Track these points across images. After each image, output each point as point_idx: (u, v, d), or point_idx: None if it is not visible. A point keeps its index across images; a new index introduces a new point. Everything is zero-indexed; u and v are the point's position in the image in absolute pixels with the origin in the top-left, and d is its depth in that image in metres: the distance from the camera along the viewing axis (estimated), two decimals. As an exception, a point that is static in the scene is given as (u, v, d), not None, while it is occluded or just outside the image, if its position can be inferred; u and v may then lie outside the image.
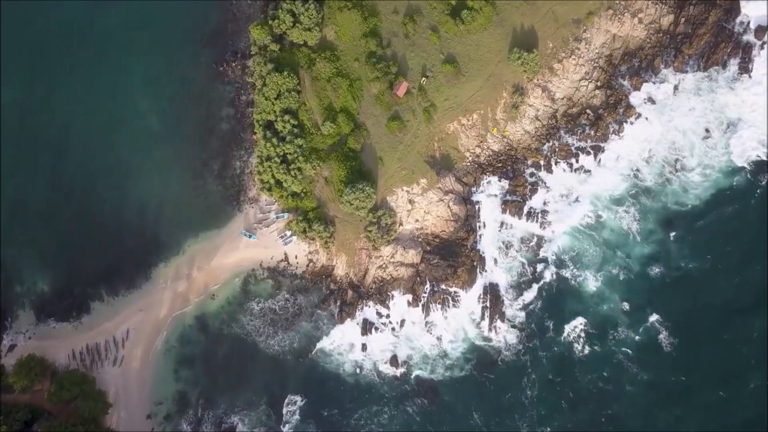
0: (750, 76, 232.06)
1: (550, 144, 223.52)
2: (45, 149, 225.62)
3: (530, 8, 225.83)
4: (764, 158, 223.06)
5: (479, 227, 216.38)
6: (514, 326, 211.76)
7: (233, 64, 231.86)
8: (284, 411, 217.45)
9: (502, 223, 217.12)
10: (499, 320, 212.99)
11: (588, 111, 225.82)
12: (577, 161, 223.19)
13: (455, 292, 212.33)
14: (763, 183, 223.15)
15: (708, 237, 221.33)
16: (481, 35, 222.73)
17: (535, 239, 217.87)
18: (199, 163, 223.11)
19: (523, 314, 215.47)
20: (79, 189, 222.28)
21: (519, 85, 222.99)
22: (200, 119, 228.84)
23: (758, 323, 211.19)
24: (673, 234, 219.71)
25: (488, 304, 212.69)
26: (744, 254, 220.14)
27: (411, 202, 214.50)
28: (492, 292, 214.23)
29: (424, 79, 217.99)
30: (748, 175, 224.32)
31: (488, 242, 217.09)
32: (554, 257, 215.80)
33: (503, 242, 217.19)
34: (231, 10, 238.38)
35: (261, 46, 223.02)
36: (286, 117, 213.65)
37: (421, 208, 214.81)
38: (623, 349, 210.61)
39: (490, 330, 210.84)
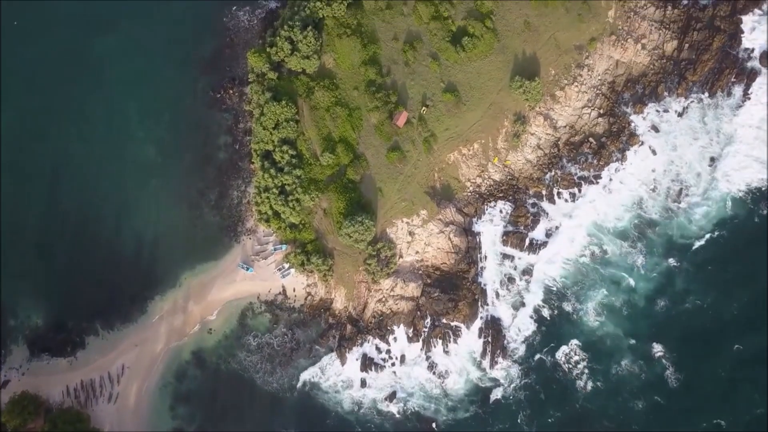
0: (754, 104, 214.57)
1: (552, 173, 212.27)
2: (39, 178, 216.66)
3: (532, 35, 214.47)
4: (765, 186, 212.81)
5: (480, 259, 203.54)
6: (514, 361, 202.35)
7: (231, 91, 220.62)
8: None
9: (503, 255, 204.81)
10: (500, 356, 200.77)
11: (591, 139, 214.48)
12: (579, 191, 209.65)
13: (456, 327, 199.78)
14: (765, 212, 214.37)
15: (712, 268, 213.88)
16: (482, 63, 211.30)
17: (537, 271, 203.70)
18: (196, 193, 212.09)
19: (523, 348, 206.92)
20: (74, 219, 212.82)
21: (520, 114, 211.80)
22: (197, 147, 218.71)
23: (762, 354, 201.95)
24: (677, 266, 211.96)
25: (489, 339, 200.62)
26: (748, 285, 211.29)
27: (411, 233, 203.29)
28: (493, 326, 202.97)
29: (424, 108, 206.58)
30: (750, 204, 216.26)
31: (490, 275, 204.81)
32: (556, 290, 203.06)
33: (505, 275, 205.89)
34: (228, 35, 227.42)
35: (259, 73, 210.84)
36: (285, 147, 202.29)
37: (422, 239, 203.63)
38: (628, 385, 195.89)
39: (491, 366, 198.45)
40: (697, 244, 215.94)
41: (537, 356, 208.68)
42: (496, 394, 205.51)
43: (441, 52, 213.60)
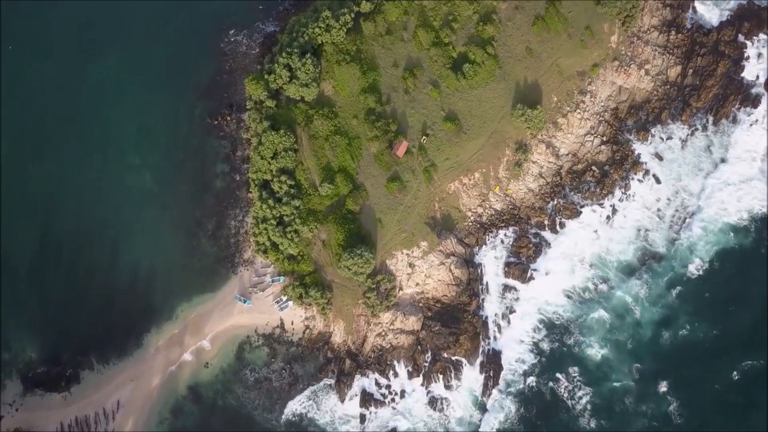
0: (757, 130, 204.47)
1: (555, 202, 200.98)
2: (33, 207, 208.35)
3: (534, 61, 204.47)
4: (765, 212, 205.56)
5: (482, 291, 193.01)
6: (515, 396, 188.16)
7: (228, 118, 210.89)
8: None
9: (505, 287, 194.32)
10: (499, 391, 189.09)
11: (593, 167, 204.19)
12: (582, 221, 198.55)
13: (458, 361, 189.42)
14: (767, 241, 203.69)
15: (716, 299, 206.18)
16: (483, 90, 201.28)
17: (539, 303, 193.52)
18: (193, 223, 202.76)
19: (525, 381, 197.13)
20: (68, 249, 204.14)
21: (522, 142, 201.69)
22: (194, 176, 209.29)
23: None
24: (681, 297, 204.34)
25: (491, 374, 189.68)
26: (752, 315, 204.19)
27: (411, 265, 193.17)
28: (495, 361, 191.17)
29: (424, 137, 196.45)
30: (753, 233, 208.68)
31: (491, 307, 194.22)
32: (559, 322, 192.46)
33: (507, 307, 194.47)
34: (226, 60, 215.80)
35: (256, 101, 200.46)
36: (283, 177, 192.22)
37: (422, 271, 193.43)
38: (632, 421, 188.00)
39: (487, 396, 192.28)
40: (702, 274, 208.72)
41: (538, 390, 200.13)
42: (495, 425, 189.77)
43: (441, 79, 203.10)
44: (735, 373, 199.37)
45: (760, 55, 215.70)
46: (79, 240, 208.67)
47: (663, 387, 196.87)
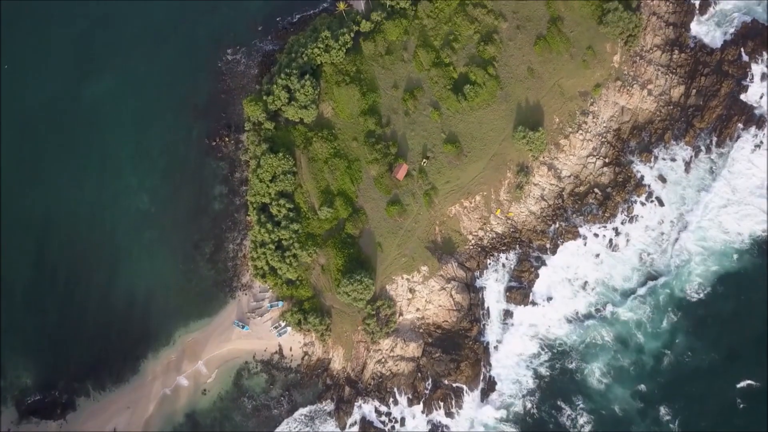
0: (762, 152, 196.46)
1: (556, 225, 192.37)
2: (29, 230, 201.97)
3: (536, 82, 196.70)
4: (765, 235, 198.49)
5: (483, 316, 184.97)
6: (516, 423, 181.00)
7: (226, 139, 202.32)
8: None
9: (506, 312, 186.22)
10: (500, 419, 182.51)
11: (596, 190, 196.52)
12: (584, 244, 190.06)
13: (458, 388, 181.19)
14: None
15: (720, 324, 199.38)
16: (484, 112, 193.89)
17: (541, 329, 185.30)
18: (191, 246, 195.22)
19: (525, 410, 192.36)
20: (64, 273, 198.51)
21: (523, 165, 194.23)
22: (192, 198, 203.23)
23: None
24: (683, 322, 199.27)
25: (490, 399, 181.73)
26: (754, 338, 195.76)
27: (411, 290, 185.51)
28: (496, 387, 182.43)
29: (424, 160, 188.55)
30: (754, 256, 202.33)
31: (493, 333, 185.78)
32: (560, 348, 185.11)
33: (508, 332, 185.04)
34: (224, 80, 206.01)
35: (255, 122, 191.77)
36: (282, 201, 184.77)
37: (422, 297, 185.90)
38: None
39: (492, 426, 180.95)
40: (702, 297, 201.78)
41: (540, 417, 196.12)
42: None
43: (442, 100, 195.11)
44: (736, 397, 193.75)
45: (764, 74, 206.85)
46: (76, 264, 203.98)
47: (665, 413, 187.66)
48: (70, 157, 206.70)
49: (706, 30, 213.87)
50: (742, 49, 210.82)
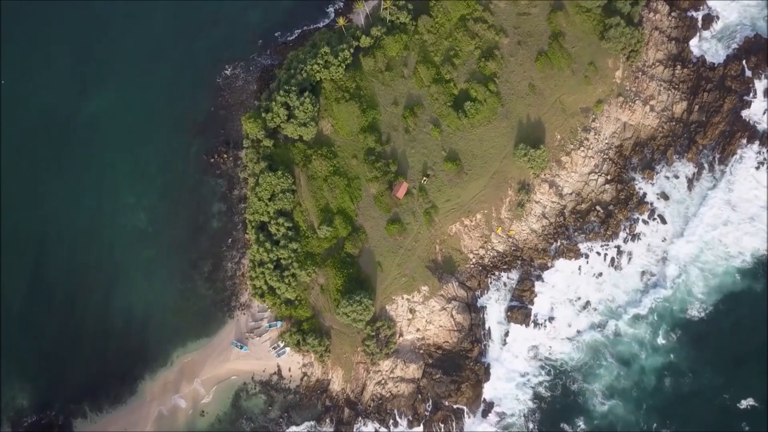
0: (763, 169, 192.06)
1: (558, 244, 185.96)
2: (26, 249, 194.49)
3: (537, 98, 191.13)
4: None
5: (484, 336, 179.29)
6: None
7: (225, 156, 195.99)
8: None
9: (507, 332, 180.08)
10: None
11: (598, 207, 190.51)
12: (586, 263, 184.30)
13: (459, 410, 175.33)
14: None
15: (719, 342, 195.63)
16: (485, 129, 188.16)
17: (542, 349, 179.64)
18: (189, 264, 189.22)
19: (528, 430, 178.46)
20: (61, 293, 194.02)
21: (525, 182, 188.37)
22: (190, 215, 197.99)
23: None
24: (684, 342, 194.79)
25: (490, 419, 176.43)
26: (755, 358, 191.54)
27: (412, 311, 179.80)
28: (496, 409, 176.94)
29: (425, 178, 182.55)
30: (755, 274, 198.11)
31: (494, 353, 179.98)
32: (562, 369, 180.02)
33: (510, 352, 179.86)
34: (222, 95, 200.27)
35: (254, 139, 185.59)
36: (281, 219, 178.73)
37: (423, 317, 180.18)
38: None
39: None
40: (706, 317, 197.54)
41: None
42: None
43: (442, 117, 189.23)
44: (739, 417, 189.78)
45: (767, 90, 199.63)
46: (73, 283, 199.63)
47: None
48: (67, 174, 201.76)
49: (708, 45, 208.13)
50: (745, 64, 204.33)
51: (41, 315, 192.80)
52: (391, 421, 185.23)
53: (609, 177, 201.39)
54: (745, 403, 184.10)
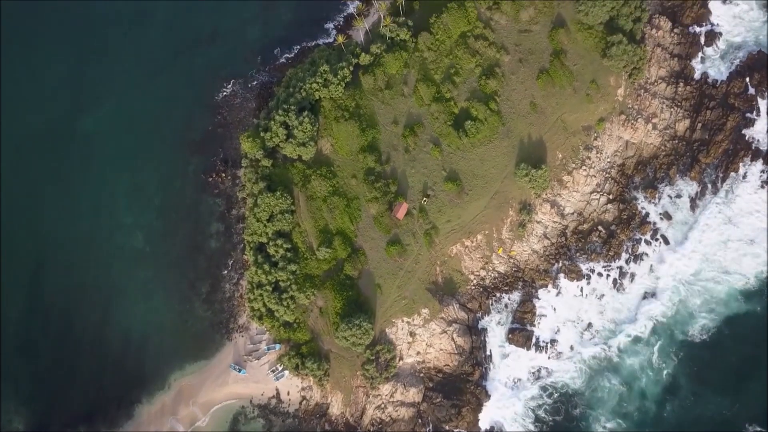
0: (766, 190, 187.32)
1: (560, 265, 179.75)
2: (21, 269, 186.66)
3: (538, 117, 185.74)
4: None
5: (485, 359, 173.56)
6: None
7: (223, 175, 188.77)
8: None
9: (508, 355, 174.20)
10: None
11: (600, 228, 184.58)
12: (588, 284, 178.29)
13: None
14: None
15: (721, 364, 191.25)
16: (486, 148, 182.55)
17: (544, 372, 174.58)
18: (187, 285, 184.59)
19: None
20: (57, 314, 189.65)
21: (526, 202, 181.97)
22: (188, 235, 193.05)
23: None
24: (686, 364, 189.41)
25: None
26: (757, 381, 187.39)
27: (412, 334, 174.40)
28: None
29: (425, 199, 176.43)
30: (756, 296, 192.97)
31: (495, 377, 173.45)
32: (563, 392, 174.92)
33: (510, 377, 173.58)
34: (221, 113, 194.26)
35: (252, 159, 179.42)
36: (279, 241, 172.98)
37: (423, 340, 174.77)
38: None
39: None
40: (709, 340, 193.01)
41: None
42: None
43: (443, 137, 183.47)
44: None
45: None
46: (69, 305, 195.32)
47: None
48: (64, 193, 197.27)
49: (711, 61, 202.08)
50: (748, 81, 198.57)
51: (38, 337, 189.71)
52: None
53: (611, 196, 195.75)
54: (751, 429, 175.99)
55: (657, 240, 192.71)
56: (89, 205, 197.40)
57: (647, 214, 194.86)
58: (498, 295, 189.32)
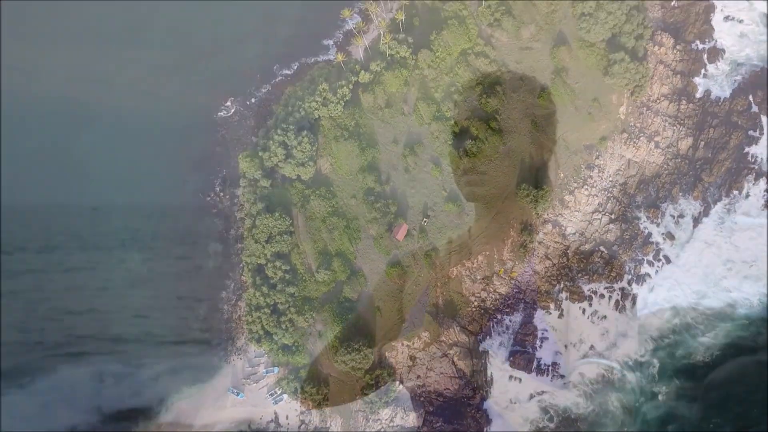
0: None
1: (561, 285, 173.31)
2: (19, 289, 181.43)
3: (540, 136, 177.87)
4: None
5: (486, 383, 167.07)
6: None
7: (221, 194, 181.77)
8: None
9: (509, 378, 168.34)
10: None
11: (601, 248, 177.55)
12: (590, 305, 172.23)
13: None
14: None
15: (723, 387, 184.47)
16: (487, 168, 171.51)
17: (546, 396, 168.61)
18: (184, 307, 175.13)
19: None
20: (54, 336, 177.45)
21: (527, 223, 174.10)
22: (185, 256, 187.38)
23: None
24: (691, 389, 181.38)
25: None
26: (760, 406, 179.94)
27: (412, 357, 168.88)
28: None
29: (425, 219, 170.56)
30: (763, 318, 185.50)
31: (496, 400, 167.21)
32: (565, 416, 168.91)
33: (511, 400, 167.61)
34: (219, 131, 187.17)
35: (251, 179, 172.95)
36: (278, 262, 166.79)
37: (423, 364, 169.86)
38: None
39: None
40: (711, 362, 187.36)
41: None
42: None
43: (443, 157, 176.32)
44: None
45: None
46: (66, 326, 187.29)
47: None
48: (60, 212, 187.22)
49: (714, 79, 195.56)
50: (751, 99, 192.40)
51: (34, 360, 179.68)
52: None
53: (613, 216, 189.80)
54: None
55: (659, 260, 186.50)
56: (85, 224, 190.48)
57: (649, 234, 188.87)
58: (499, 317, 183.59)
